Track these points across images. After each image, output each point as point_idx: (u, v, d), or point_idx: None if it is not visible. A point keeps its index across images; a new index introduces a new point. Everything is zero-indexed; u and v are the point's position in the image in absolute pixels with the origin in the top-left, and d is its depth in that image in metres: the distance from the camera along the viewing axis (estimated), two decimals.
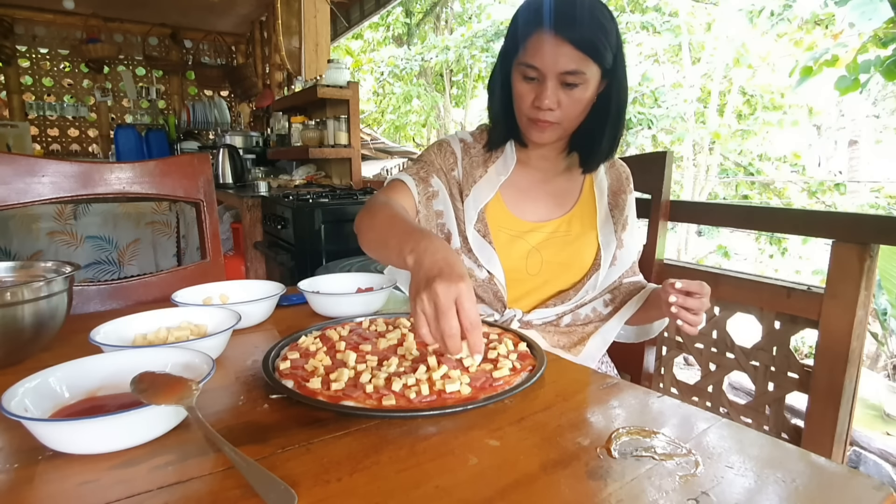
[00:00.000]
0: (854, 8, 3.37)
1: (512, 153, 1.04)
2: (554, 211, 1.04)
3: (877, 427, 2.79)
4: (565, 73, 0.87)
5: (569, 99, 0.89)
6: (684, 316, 0.86)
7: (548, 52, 0.86)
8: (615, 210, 1.06)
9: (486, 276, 0.98)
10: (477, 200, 1.00)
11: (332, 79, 2.76)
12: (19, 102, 4.04)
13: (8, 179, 0.99)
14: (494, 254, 0.98)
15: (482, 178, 1.02)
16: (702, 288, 0.85)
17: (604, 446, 0.49)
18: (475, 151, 1.05)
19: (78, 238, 2.72)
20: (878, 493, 0.43)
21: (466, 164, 1.03)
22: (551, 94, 0.88)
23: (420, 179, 1.01)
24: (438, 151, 1.05)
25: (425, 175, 1.02)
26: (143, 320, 0.74)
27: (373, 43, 10.75)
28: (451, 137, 1.08)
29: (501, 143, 1.03)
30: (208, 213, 1.19)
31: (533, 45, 0.88)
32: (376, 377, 0.60)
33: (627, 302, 1.05)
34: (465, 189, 1.02)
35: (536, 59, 0.87)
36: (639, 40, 7.55)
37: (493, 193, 1.00)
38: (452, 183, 1.04)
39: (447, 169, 1.04)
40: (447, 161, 1.04)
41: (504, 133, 1.02)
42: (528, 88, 0.91)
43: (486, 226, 0.99)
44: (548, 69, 0.87)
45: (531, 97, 0.91)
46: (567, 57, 0.86)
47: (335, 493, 0.42)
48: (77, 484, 0.43)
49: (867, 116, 6.93)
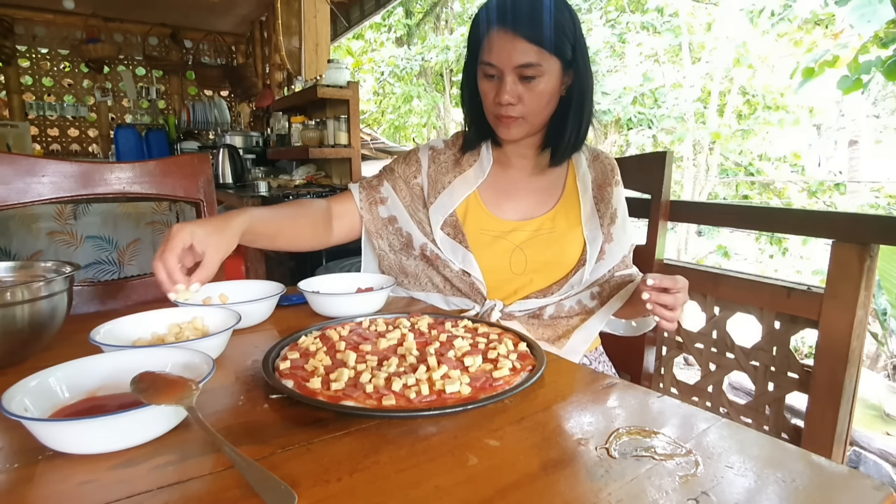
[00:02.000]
0: (854, 10, 3.36)
1: (488, 154, 1.06)
2: (536, 208, 1.04)
3: (877, 427, 2.79)
4: (520, 66, 0.89)
5: (529, 93, 0.92)
6: (660, 312, 0.85)
7: (503, 48, 0.89)
8: (601, 203, 1.05)
9: (459, 269, 1.00)
10: (444, 205, 1.03)
11: (332, 79, 2.76)
12: (19, 102, 4.03)
13: (8, 179, 0.99)
14: (469, 252, 1.00)
15: (453, 182, 1.04)
16: (675, 283, 0.84)
17: (604, 446, 0.49)
18: (445, 157, 1.08)
19: (78, 238, 2.71)
20: (878, 493, 0.43)
21: (432, 172, 1.07)
22: (510, 88, 0.91)
23: (368, 187, 1.10)
24: (403, 161, 1.11)
25: (376, 183, 1.09)
26: (142, 320, 0.74)
27: (374, 44, 10.75)
28: (423, 146, 1.12)
29: (476, 145, 1.06)
30: (208, 213, 1.19)
31: (489, 43, 0.91)
32: (376, 377, 0.60)
33: (614, 295, 1.04)
34: (431, 197, 1.05)
35: (493, 56, 0.91)
36: (639, 40, 7.55)
37: (467, 195, 1.02)
38: (415, 190, 1.08)
39: (408, 177, 1.08)
40: (409, 169, 1.09)
41: (478, 135, 1.04)
42: (489, 86, 0.94)
43: (458, 228, 1.01)
44: (504, 64, 0.90)
45: (492, 94, 0.94)
46: (521, 51, 0.89)
47: (335, 493, 0.42)
48: (77, 484, 0.43)
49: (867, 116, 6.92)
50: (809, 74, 4.27)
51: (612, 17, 8.16)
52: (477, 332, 0.77)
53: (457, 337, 0.74)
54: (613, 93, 7.37)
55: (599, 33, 7.75)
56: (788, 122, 6.76)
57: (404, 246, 1.08)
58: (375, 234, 1.08)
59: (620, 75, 7.71)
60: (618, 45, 7.87)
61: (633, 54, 7.64)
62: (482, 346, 0.71)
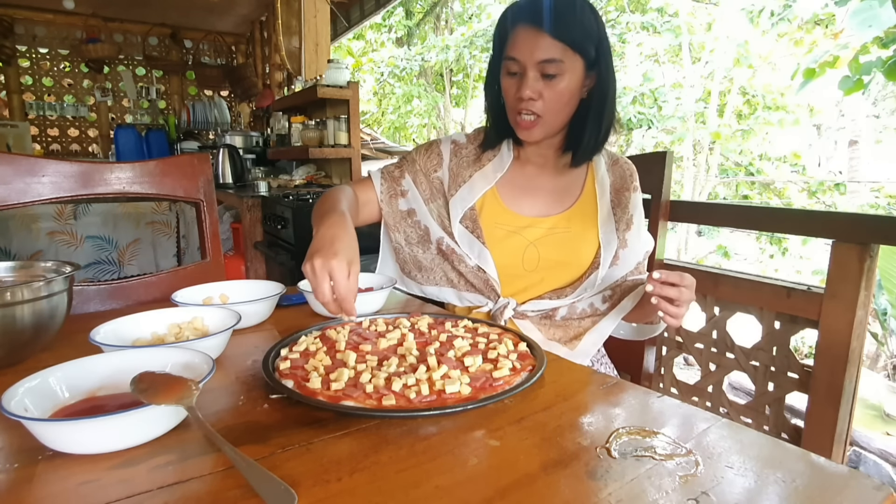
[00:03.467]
0: (855, 15, 3.34)
1: (508, 151, 1.06)
2: (553, 207, 1.04)
3: (877, 427, 2.79)
4: (543, 62, 0.89)
5: (549, 91, 0.91)
6: (664, 307, 0.84)
7: (526, 43, 0.90)
8: (618, 208, 1.05)
9: (475, 265, 1.01)
10: (465, 199, 1.03)
11: (332, 79, 2.76)
12: (19, 102, 4.03)
13: (8, 179, 0.99)
14: (485, 248, 1.00)
15: (473, 176, 1.04)
16: (682, 279, 0.84)
17: (604, 446, 0.49)
18: (466, 152, 1.08)
19: (78, 238, 2.71)
20: (878, 493, 0.43)
21: (454, 166, 1.07)
22: (531, 83, 0.91)
23: (390, 178, 1.08)
24: (425, 152, 1.09)
25: (398, 174, 1.09)
26: (142, 320, 0.74)
27: (374, 44, 10.75)
28: (445, 138, 1.11)
29: (497, 143, 1.06)
30: (208, 213, 1.19)
31: (514, 39, 0.92)
32: (376, 377, 0.60)
33: (625, 298, 1.05)
34: (451, 189, 1.05)
35: (516, 52, 0.91)
36: (639, 40, 7.55)
37: (486, 189, 1.03)
38: (435, 183, 1.07)
39: (429, 170, 1.08)
40: (431, 162, 1.08)
41: (499, 132, 1.04)
42: (511, 82, 0.94)
43: (476, 222, 1.01)
44: (526, 59, 0.90)
45: (514, 90, 0.94)
46: (543, 47, 0.89)
47: (335, 493, 0.42)
48: (77, 484, 0.43)
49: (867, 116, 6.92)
50: (810, 75, 4.27)
51: (613, 18, 8.16)
52: (477, 332, 0.77)
53: (457, 337, 0.74)
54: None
55: None
56: (788, 122, 6.76)
57: (421, 239, 1.08)
58: (393, 228, 1.09)
59: (620, 75, 7.71)
60: (618, 45, 7.87)
61: (634, 54, 7.64)
62: (482, 346, 0.71)
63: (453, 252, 1.02)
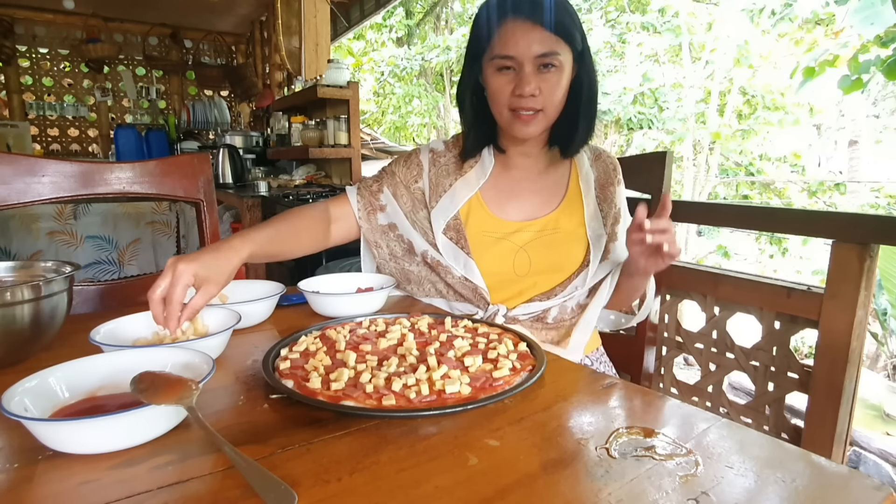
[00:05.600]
0: (856, 13, 3.34)
1: (489, 158, 1.04)
2: (540, 209, 1.03)
3: (877, 427, 2.79)
4: (541, 55, 0.87)
5: (547, 84, 0.90)
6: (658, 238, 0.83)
7: (521, 38, 0.87)
8: (604, 203, 1.04)
9: (461, 275, 0.99)
10: (447, 209, 1.00)
11: (332, 79, 2.76)
12: (19, 102, 4.04)
13: (8, 179, 0.99)
14: (469, 258, 0.98)
15: (454, 185, 1.02)
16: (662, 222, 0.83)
17: (604, 446, 0.49)
18: (445, 160, 1.06)
19: (78, 238, 2.71)
20: (878, 493, 0.43)
21: (433, 175, 1.04)
22: (531, 79, 0.88)
23: (368, 192, 1.07)
24: (405, 163, 1.07)
25: (377, 188, 1.07)
26: (143, 320, 0.74)
27: (375, 44, 10.75)
28: (423, 147, 1.09)
29: (476, 152, 1.03)
30: (208, 213, 1.19)
31: (503, 35, 0.88)
32: (376, 377, 0.60)
33: (602, 284, 1.04)
34: (432, 201, 1.03)
35: (510, 48, 0.88)
36: (639, 40, 7.55)
37: (470, 196, 1.01)
38: (416, 194, 1.05)
39: (409, 181, 1.06)
40: (411, 173, 1.06)
41: (479, 140, 1.02)
42: (505, 81, 0.91)
43: (460, 232, 0.99)
44: (523, 55, 0.87)
45: (509, 88, 0.90)
46: (540, 40, 0.86)
47: (335, 493, 0.42)
48: (77, 484, 0.43)
49: (867, 116, 6.93)
50: (810, 74, 4.27)
51: (613, 18, 8.16)
52: (477, 332, 0.77)
53: (457, 337, 0.74)
54: (613, 93, 7.37)
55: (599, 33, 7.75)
56: (788, 122, 6.77)
57: (406, 252, 1.06)
58: (374, 244, 1.07)
59: (620, 75, 7.71)
60: (618, 45, 7.87)
61: (633, 54, 7.65)
62: (482, 346, 0.71)
63: (439, 264, 1.01)
